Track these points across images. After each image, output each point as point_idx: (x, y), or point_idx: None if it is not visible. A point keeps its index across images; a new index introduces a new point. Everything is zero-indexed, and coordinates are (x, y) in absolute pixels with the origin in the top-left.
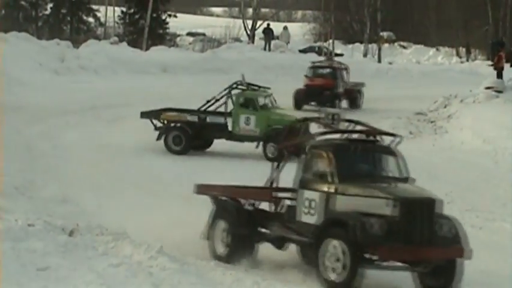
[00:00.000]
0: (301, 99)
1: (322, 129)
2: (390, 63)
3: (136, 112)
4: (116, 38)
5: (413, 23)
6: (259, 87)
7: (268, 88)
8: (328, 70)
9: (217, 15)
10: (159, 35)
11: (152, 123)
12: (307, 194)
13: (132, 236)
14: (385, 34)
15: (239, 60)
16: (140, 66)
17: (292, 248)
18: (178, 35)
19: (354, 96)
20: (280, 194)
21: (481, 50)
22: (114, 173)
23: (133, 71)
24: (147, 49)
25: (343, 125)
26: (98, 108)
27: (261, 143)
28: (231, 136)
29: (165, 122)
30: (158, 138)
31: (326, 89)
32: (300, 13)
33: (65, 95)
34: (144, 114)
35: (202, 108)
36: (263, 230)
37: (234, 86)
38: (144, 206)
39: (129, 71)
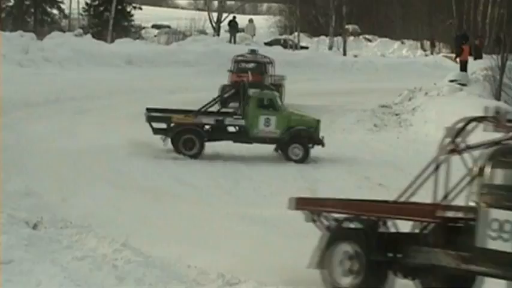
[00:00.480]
0: (228, 96)
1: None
2: (355, 56)
3: (101, 104)
4: (80, 30)
5: (379, 16)
6: (260, 87)
7: (271, 89)
8: (253, 65)
9: (183, 8)
10: (124, 27)
11: (151, 126)
12: (496, 213)
13: (97, 230)
14: (350, 27)
15: (204, 52)
16: (105, 59)
17: (251, 238)
18: (143, 28)
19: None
20: (449, 213)
21: (445, 43)
22: (79, 166)
23: (98, 64)
24: (111, 41)
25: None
26: (62, 101)
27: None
28: (249, 138)
29: (173, 125)
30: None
31: (254, 85)
32: (265, 6)
33: (28, 87)
34: (151, 118)
35: (203, 109)
36: (396, 255)
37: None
38: (109, 200)
39: (93, 63)
